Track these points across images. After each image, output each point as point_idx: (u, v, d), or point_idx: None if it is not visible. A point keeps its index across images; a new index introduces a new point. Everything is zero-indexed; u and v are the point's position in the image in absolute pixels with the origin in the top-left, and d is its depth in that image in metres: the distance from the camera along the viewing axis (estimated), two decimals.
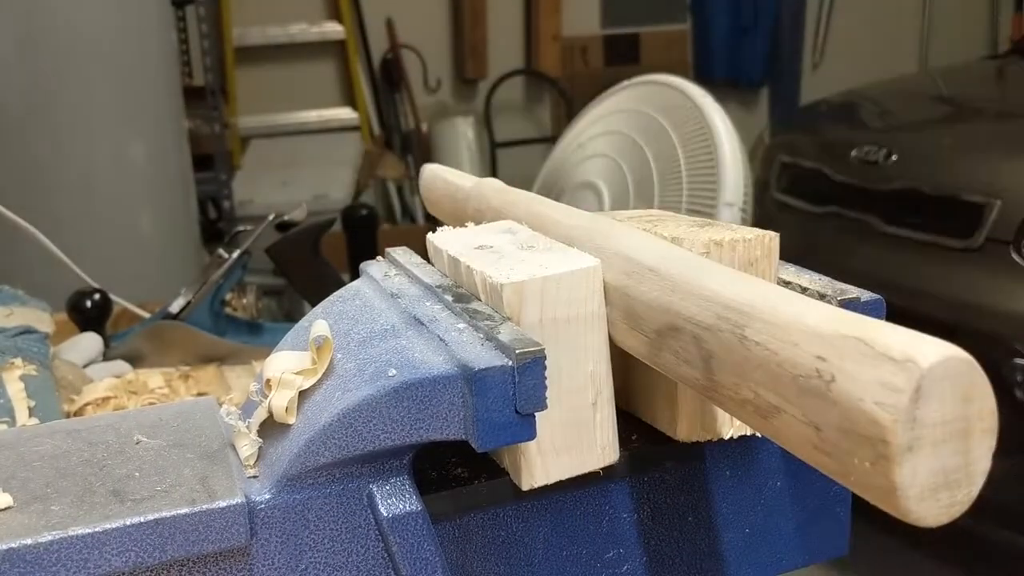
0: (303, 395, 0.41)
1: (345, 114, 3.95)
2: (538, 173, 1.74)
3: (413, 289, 0.48)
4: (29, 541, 0.36)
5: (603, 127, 1.56)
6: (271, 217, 1.02)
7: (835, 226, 1.91)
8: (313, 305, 0.52)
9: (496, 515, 0.46)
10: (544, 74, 3.90)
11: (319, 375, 0.42)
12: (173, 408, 0.47)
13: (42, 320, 0.83)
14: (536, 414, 0.39)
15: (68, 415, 0.75)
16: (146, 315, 1.05)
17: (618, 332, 0.44)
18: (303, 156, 3.43)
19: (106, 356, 0.93)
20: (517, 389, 0.38)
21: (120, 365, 0.91)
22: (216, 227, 3.12)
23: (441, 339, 0.41)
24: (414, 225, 3.51)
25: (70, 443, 0.43)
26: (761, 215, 1.89)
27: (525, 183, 0.87)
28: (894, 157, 1.83)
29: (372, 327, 0.44)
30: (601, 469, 0.45)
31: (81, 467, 0.41)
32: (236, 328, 1.02)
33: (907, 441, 0.31)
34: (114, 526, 0.37)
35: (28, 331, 0.79)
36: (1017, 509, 1.44)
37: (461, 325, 0.42)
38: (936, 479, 0.31)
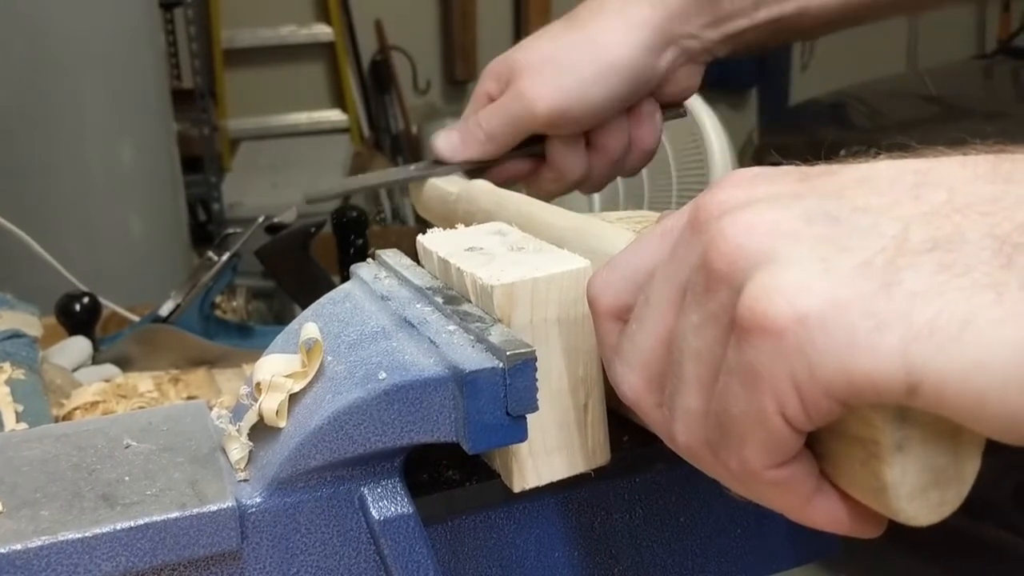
0: (293, 398, 0.41)
1: (335, 116, 3.95)
2: None
3: (403, 291, 0.48)
4: (18, 547, 0.36)
5: None
6: (261, 219, 1.01)
7: None
8: (303, 307, 0.52)
9: (488, 517, 0.46)
10: None
11: (309, 378, 0.41)
12: (163, 412, 0.47)
13: (30, 324, 0.82)
14: (527, 416, 0.39)
15: (57, 419, 0.74)
16: (135, 318, 1.04)
17: None
18: (293, 158, 3.42)
19: (95, 360, 0.93)
20: (508, 391, 0.38)
21: (109, 369, 0.91)
22: (206, 229, 3.11)
23: (432, 341, 0.41)
24: (404, 227, 3.51)
25: (59, 448, 0.43)
26: None
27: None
28: (883, 157, 1.83)
29: (362, 329, 0.44)
30: (592, 471, 0.45)
31: (70, 472, 0.41)
32: (226, 331, 1.02)
33: (897, 440, 0.31)
34: (104, 531, 0.37)
35: (16, 335, 0.79)
36: (1010, 508, 1.45)
37: (451, 327, 0.42)
38: (926, 478, 0.31)
